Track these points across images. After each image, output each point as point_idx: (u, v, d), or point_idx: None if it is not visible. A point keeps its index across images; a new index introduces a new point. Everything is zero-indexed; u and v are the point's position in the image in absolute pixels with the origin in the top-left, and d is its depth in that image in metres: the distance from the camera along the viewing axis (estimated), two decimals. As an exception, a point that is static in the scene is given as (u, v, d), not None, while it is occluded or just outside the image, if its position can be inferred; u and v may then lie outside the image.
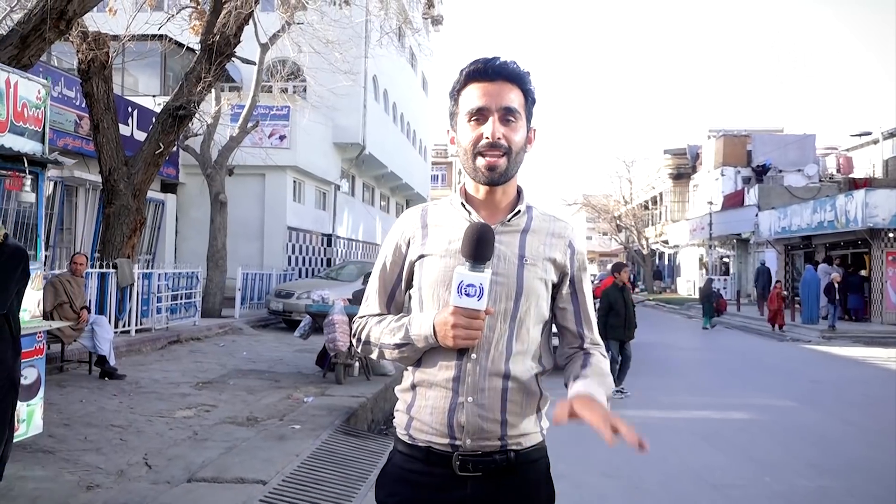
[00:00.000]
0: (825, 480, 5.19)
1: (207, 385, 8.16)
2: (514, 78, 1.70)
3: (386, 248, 1.83)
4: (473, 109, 1.68)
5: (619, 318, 8.56)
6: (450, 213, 1.77)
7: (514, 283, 1.67)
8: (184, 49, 16.54)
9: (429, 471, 1.67)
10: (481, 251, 1.56)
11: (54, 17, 7.48)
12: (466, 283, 1.53)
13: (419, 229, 1.77)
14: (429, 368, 1.69)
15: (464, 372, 1.64)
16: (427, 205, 1.84)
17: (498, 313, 1.66)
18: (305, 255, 21.45)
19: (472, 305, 1.54)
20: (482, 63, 1.71)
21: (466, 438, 1.63)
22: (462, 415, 1.63)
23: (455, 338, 1.57)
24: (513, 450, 1.66)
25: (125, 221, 11.15)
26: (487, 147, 1.66)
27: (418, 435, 1.69)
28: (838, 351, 14.38)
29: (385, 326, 1.74)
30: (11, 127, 4.51)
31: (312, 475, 4.94)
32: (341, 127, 21.46)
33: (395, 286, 1.81)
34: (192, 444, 5.59)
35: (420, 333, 1.65)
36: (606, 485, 5.04)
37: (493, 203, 1.74)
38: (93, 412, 6.52)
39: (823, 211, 21.93)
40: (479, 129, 1.67)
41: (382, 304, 1.82)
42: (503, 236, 1.70)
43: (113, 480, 4.60)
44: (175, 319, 12.37)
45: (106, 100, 11.20)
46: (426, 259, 1.73)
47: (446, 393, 1.66)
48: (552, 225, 1.78)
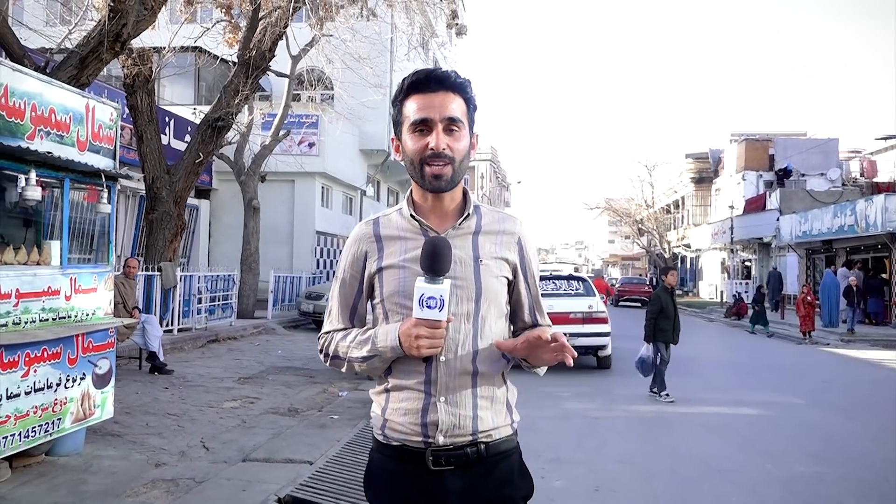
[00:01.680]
0: (822, 468, 5.62)
1: (249, 380, 8.75)
2: (455, 87, 1.75)
3: (343, 263, 1.88)
4: (417, 120, 1.72)
5: (669, 321, 8.55)
6: (400, 224, 1.81)
7: (473, 285, 1.74)
8: (217, 60, 17.24)
9: (402, 469, 1.74)
10: (439, 264, 1.62)
11: (111, 39, 8.11)
12: (427, 296, 1.59)
13: (373, 243, 1.81)
14: (400, 374, 1.75)
15: (434, 374, 1.71)
16: (378, 216, 1.87)
17: (461, 315, 1.72)
18: (333, 259, 22.08)
19: (433, 317, 1.60)
20: (423, 74, 1.76)
21: (439, 436, 1.70)
22: (435, 414, 1.70)
23: (419, 347, 1.63)
24: (483, 442, 1.73)
25: (167, 227, 11.81)
26: (433, 157, 1.70)
27: (392, 434, 1.76)
28: (855, 354, 14.63)
29: (351, 340, 1.79)
30: (90, 146, 5.11)
31: (352, 458, 5.46)
32: (367, 134, 22.08)
33: (356, 300, 1.86)
34: (242, 430, 6.16)
35: (386, 345, 1.70)
36: (620, 470, 5.51)
37: (442, 209, 1.79)
38: (149, 402, 7.12)
39: (844, 215, 22.08)
40: (424, 140, 1.72)
41: (345, 319, 1.87)
42: (456, 240, 1.75)
43: (177, 459, 5.18)
44: (213, 320, 13.03)
45: (149, 112, 11.86)
46: (385, 271, 1.78)
47: (419, 395, 1.72)
48: (501, 224, 1.84)
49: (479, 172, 48.47)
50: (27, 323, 4.50)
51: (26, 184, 4.39)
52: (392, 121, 1.83)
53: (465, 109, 1.76)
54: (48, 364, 4.65)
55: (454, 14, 16.21)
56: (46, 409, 4.65)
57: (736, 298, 25.62)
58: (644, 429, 7.09)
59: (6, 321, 4.32)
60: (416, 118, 1.72)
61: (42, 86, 4.63)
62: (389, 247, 1.79)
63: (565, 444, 6.33)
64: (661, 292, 8.87)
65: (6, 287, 4.30)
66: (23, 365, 4.42)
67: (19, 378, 4.39)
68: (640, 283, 36.97)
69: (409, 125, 1.74)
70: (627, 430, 6.99)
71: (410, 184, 7.62)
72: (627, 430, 7.03)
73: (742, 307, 24.83)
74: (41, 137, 4.59)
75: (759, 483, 5.17)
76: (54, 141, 4.71)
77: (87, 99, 5.10)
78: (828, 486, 5.16)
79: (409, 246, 1.75)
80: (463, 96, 1.76)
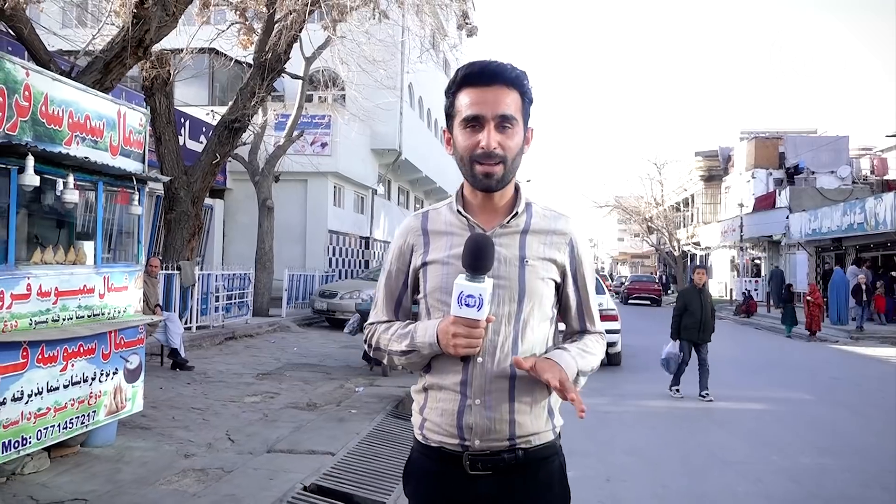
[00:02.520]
0: (825, 459, 5.81)
1: (267, 376, 8.98)
2: (511, 81, 1.69)
3: (390, 255, 1.87)
4: (469, 116, 1.67)
5: (694, 318, 8.52)
6: (449, 219, 1.77)
7: (517, 286, 1.69)
8: (232, 62, 17.50)
9: (443, 470, 1.72)
10: (480, 263, 1.58)
11: (134, 45, 8.36)
12: (466, 294, 1.55)
13: (420, 237, 1.79)
14: (438, 372, 1.72)
15: (470, 375, 1.67)
16: (427, 210, 1.84)
17: (502, 316, 1.68)
18: (345, 258, 22.33)
19: (471, 315, 1.56)
20: (478, 67, 1.69)
21: (475, 439, 1.67)
22: (470, 417, 1.67)
23: (456, 346, 1.60)
24: (521, 448, 1.69)
25: (185, 226, 12.06)
26: (483, 156, 1.66)
27: (431, 435, 1.74)
28: (864, 351, 14.75)
29: (392, 333, 1.78)
30: (121, 150, 5.34)
31: (372, 450, 5.68)
32: (379, 134, 22.28)
33: (401, 293, 1.84)
34: (264, 423, 6.39)
35: (424, 341, 1.68)
36: (629, 461, 5.71)
37: (491, 206, 1.75)
38: (173, 397, 7.36)
39: (853, 213, 22.16)
40: (475, 137, 1.66)
41: (390, 311, 1.86)
42: (503, 238, 1.71)
43: (205, 451, 5.41)
44: (229, 317, 13.29)
45: (168, 114, 12.12)
46: (429, 266, 1.75)
47: (455, 396, 1.69)
48: (553, 223, 1.78)
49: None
50: (65, 320, 4.73)
51: (65, 187, 4.61)
52: (444, 112, 1.77)
53: (519, 104, 1.70)
54: (84, 359, 4.89)
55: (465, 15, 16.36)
56: (83, 402, 4.88)
57: (745, 296, 25.70)
58: (653, 422, 7.28)
59: (46, 318, 4.55)
60: (469, 114, 1.67)
61: (78, 94, 4.86)
62: (436, 241, 1.76)
63: (576, 436, 6.50)
64: (687, 290, 8.92)
65: (47, 285, 4.54)
66: (61, 360, 4.65)
67: (58, 372, 4.63)
68: (650, 282, 37.08)
69: (461, 120, 1.69)
70: (637, 424, 7.18)
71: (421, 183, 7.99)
72: (637, 423, 7.22)
73: (752, 305, 24.93)
74: (77, 143, 4.83)
75: (764, 473, 5.36)
76: (89, 146, 4.94)
77: (119, 105, 5.34)
78: (831, 476, 5.34)
79: (454, 242, 1.71)
80: (519, 90, 1.70)
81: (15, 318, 4.28)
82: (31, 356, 4.37)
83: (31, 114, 4.37)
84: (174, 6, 8.65)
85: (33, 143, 4.28)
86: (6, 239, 4.28)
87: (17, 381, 4.27)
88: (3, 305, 4.19)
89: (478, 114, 1.65)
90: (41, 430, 4.49)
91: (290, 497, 4.38)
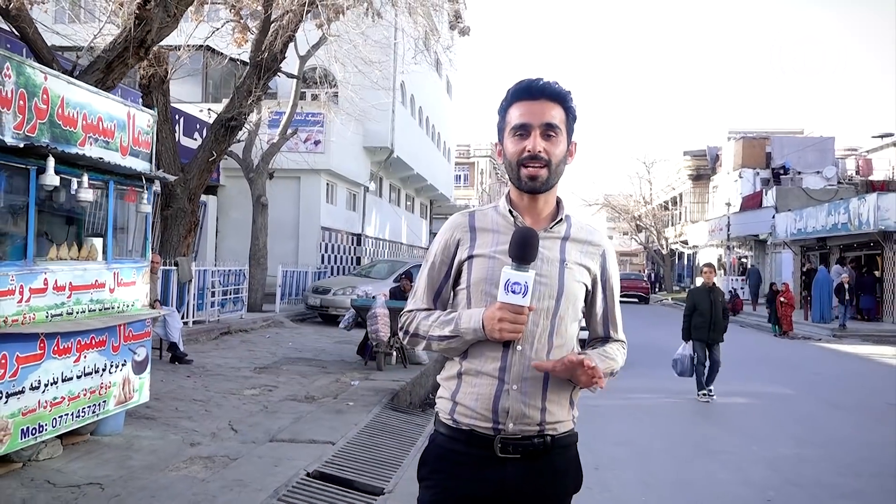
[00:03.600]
0: (804, 449, 6.10)
1: (264, 370, 9.18)
2: (556, 97, 1.87)
3: (435, 248, 1.99)
4: (517, 125, 1.85)
5: (703, 318, 8.42)
6: (496, 219, 1.93)
7: (556, 284, 1.85)
8: (226, 59, 17.64)
9: (470, 452, 1.82)
10: (527, 253, 1.73)
11: (136, 45, 8.53)
12: (513, 282, 1.70)
13: (467, 232, 1.93)
14: (476, 359, 1.83)
15: (510, 362, 1.80)
16: (474, 210, 2.00)
17: (541, 310, 1.82)
18: (337, 254, 22.52)
19: (517, 301, 1.70)
20: (527, 83, 1.88)
21: (509, 423, 1.79)
22: (507, 401, 1.79)
23: (501, 331, 1.73)
24: (549, 434, 1.83)
25: (181, 223, 12.22)
26: (530, 159, 1.83)
27: (462, 419, 1.84)
28: (846, 348, 15.10)
29: (434, 320, 1.90)
30: (131, 151, 5.54)
31: (370, 440, 5.91)
32: (371, 131, 22.45)
33: (442, 284, 1.97)
34: (265, 414, 6.60)
35: (469, 327, 1.80)
36: (617, 451, 5.97)
37: (536, 211, 1.91)
38: (174, 389, 7.55)
39: (837, 213, 22.55)
40: (522, 143, 1.84)
41: (430, 300, 1.98)
42: (546, 241, 1.86)
43: (209, 440, 5.62)
44: (224, 313, 13.47)
45: (164, 112, 12.26)
46: (475, 259, 1.89)
47: (493, 381, 1.80)
48: (589, 236, 1.96)
49: (478, 168, 48.87)
50: (78, 313, 4.93)
51: (79, 187, 4.80)
52: (497, 127, 1.96)
53: (563, 118, 1.87)
54: (96, 351, 5.08)
55: (457, 15, 16.58)
56: (94, 392, 5.08)
57: (732, 295, 26.08)
58: (641, 415, 7.56)
59: (62, 311, 4.75)
60: (517, 123, 1.85)
61: (92, 96, 5.06)
62: (482, 237, 1.90)
63: (567, 428, 6.78)
64: (695, 290, 8.90)
65: (62, 280, 4.74)
66: (75, 351, 4.85)
67: (72, 363, 4.83)
68: (638, 279, 37.44)
69: (510, 129, 1.87)
70: (626, 417, 7.46)
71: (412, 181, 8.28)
72: (626, 416, 7.49)
73: (738, 303, 25.30)
74: (91, 144, 5.02)
75: (745, 462, 5.63)
76: (101, 147, 5.14)
77: (129, 107, 5.53)
78: (808, 465, 5.62)
79: (501, 239, 1.86)
80: (563, 106, 1.88)
81: (33, 311, 4.48)
82: (47, 347, 4.57)
83: (48, 116, 4.57)
84: (175, 7, 8.82)
85: (51, 144, 4.48)
86: (25, 236, 4.48)
87: (35, 370, 4.47)
88: (22, 299, 4.38)
89: (525, 122, 1.84)
90: (56, 418, 4.69)
91: (294, 482, 4.60)
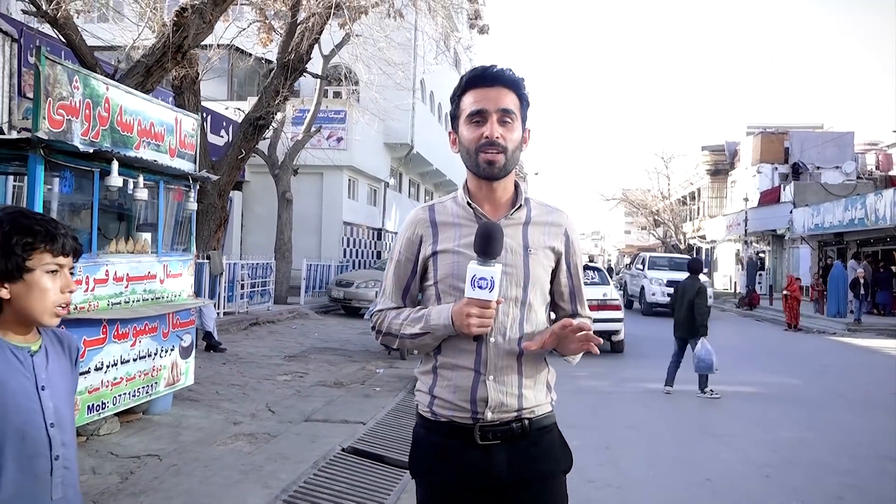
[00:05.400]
0: (804, 433, 6.47)
1: (294, 358, 9.68)
2: (510, 84, 1.86)
3: (398, 245, 1.99)
4: (474, 111, 1.84)
5: (678, 314, 8.54)
6: (455, 211, 1.92)
7: (522, 272, 1.86)
8: (251, 59, 18.16)
9: (450, 443, 1.85)
10: (491, 248, 1.72)
11: (173, 50, 9.03)
12: (479, 277, 1.70)
13: (428, 228, 1.91)
14: (451, 352, 1.86)
15: (485, 354, 1.82)
16: (433, 203, 1.98)
17: (510, 300, 1.84)
18: (358, 248, 23.04)
19: (484, 297, 1.71)
20: (480, 71, 1.88)
21: (488, 412, 1.82)
22: (484, 391, 1.82)
23: (470, 325, 1.73)
24: (527, 418, 1.86)
25: (212, 218, 12.74)
26: (487, 145, 1.82)
27: (441, 411, 1.87)
28: (859, 342, 15.34)
29: (405, 318, 1.90)
30: (178, 153, 6.02)
31: (396, 421, 6.36)
32: (392, 128, 22.92)
33: (409, 280, 1.96)
34: (298, 398, 7.08)
35: (439, 323, 1.81)
36: (627, 433, 6.38)
37: (494, 199, 1.90)
38: (212, 375, 8.06)
39: (854, 209, 22.68)
40: (479, 130, 1.83)
41: (398, 298, 1.98)
42: (508, 229, 1.85)
43: (249, 420, 6.10)
44: (252, 305, 14.01)
45: (195, 111, 12.77)
46: (439, 255, 1.88)
47: (469, 373, 1.83)
48: (549, 216, 1.95)
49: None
50: (134, 302, 5.42)
51: (135, 186, 5.29)
52: (450, 115, 1.96)
53: (518, 104, 1.87)
54: (148, 336, 5.58)
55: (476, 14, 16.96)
56: (147, 374, 5.58)
57: (748, 290, 26.27)
58: (650, 401, 7.95)
59: (120, 300, 5.24)
60: (473, 109, 1.84)
61: (145, 104, 5.54)
62: (444, 232, 1.89)
63: (581, 413, 7.20)
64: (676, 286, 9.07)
65: (121, 272, 5.23)
66: (131, 336, 5.35)
67: (129, 347, 5.32)
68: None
69: (466, 117, 1.86)
70: (635, 403, 7.86)
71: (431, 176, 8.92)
72: (635, 402, 7.89)
73: (754, 298, 25.50)
74: (144, 147, 5.51)
75: (747, 444, 6.03)
76: (153, 150, 5.63)
77: (176, 113, 6.02)
78: (807, 447, 6.01)
79: (463, 232, 1.86)
80: (516, 92, 1.88)
81: (97, 300, 4.98)
82: (108, 333, 5.07)
83: (109, 123, 5.05)
84: (210, 14, 9.30)
85: (113, 148, 4.96)
86: (90, 231, 4.97)
87: (99, 353, 4.97)
88: (87, 288, 4.88)
89: (481, 108, 1.83)
90: (116, 396, 5.19)
91: (331, 455, 5.07)
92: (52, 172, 4.83)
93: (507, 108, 1.83)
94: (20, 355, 1.62)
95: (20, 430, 1.58)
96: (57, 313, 1.65)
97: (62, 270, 1.65)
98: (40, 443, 1.62)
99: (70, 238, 1.66)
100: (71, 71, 4.67)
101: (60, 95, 4.53)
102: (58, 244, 1.62)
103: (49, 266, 1.62)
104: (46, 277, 1.61)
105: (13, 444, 1.57)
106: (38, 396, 1.63)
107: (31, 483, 1.60)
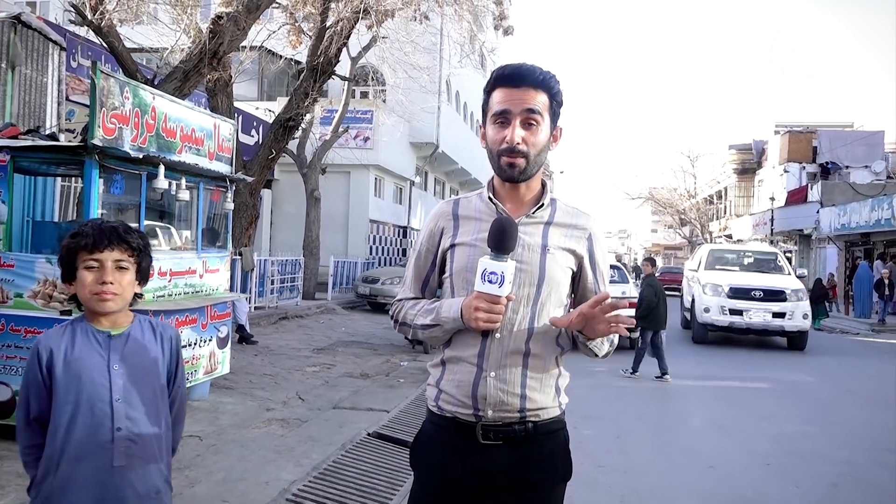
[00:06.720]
0: (808, 427, 6.73)
1: (322, 351, 10.11)
2: (538, 83, 1.82)
3: (421, 237, 2.00)
4: (498, 112, 1.82)
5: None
6: (478, 206, 1.91)
7: (537, 271, 1.82)
8: (281, 59, 18.66)
9: (455, 439, 1.84)
10: (504, 242, 1.70)
11: (209, 56, 9.50)
12: (489, 271, 1.68)
13: (450, 221, 1.92)
14: (457, 346, 1.84)
15: (488, 349, 1.80)
16: (458, 198, 1.98)
17: (521, 297, 1.80)
18: (384, 245, 23.50)
19: (493, 291, 1.68)
20: (510, 69, 1.84)
21: (488, 410, 1.79)
22: (485, 388, 1.79)
23: (477, 320, 1.71)
24: (531, 421, 1.82)
25: (244, 216, 13.22)
26: (507, 150, 1.80)
27: (446, 406, 1.86)
28: (881, 342, 15.39)
29: (419, 309, 1.91)
30: (216, 156, 6.45)
31: (419, 410, 6.72)
32: (417, 128, 23.29)
33: (428, 272, 1.97)
34: (326, 388, 7.50)
35: (449, 315, 1.80)
36: (638, 424, 6.69)
37: (518, 197, 1.89)
38: (245, 365, 8.50)
39: (881, 209, 22.61)
40: (502, 132, 1.81)
41: (417, 289, 1.99)
42: (527, 227, 1.84)
43: (281, 406, 6.52)
44: (282, 300, 14.51)
45: (228, 113, 13.23)
46: (457, 248, 1.88)
47: (471, 368, 1.81)
48: (575, 219, 1.92)
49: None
50: (176, 295, 5.86)
51: (178, 188, 5.72)
52: (481, 108, 1.93)
53: (547, 104, 1.83)
54: (189, 327, 6.02)
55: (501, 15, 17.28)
56: (188, 362, 6.01)
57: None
58: (662, 395, 8.25)
59: (164, 293, 5.69)
60: (497, 110, 1.83)
61: (187, 111, 5.97)
62: (465, 226, 1.90)
63: (595, 405, 7.51)
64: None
65: (164, 267, 5.67)
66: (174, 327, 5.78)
67: (171, 337, 5.75)
68: (679, 273, 37.61)
69: (492, 115, 1.84)
70: (648, 397, 8.15)
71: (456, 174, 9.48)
72: (648, 396, 8.18)
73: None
74: (186, 151, 5.94)
75: (752, 436, 6.31)
76: (194, 154, 6.06)
77: (215, 119, 6.45)
78: (810, 439, 6.27)
79: (482, 227, 1.83)
80: (547, 92, 1.83)
81: (144, 293, 5.40)
82: (154, 323, 5.50)
83: (155, 130, 5.49)
84: (244, 21, 9.75)
85: (159, 153, 5.40)
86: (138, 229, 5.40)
87: (145, 342, 5.40)
88: (135, 282, 5.31)
89: (505, 109, 1.81)
90: (159, 382, 5.62)
91: (358, 439, 5.46)
92: (104, 175, 5.27)
93: (533, 108, 1.80)
94: (99, 338, 1.95)
95: (90, 400, 1.90)
96: (101, 299, 1.88)
97: (104, 264, 1.88)
98: (103, 414, 1.89)
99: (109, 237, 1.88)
100: (122, 83, 5.10)
101: (113, 105, 4.96)
102: (88, 243, 1.86)
103: (87, 263, 1.89)
104: (85, 272, 1.89)
105: (84, 411, 1.89)
106: (108, 373, 1.92)
107: (94, 447, 1.89)
